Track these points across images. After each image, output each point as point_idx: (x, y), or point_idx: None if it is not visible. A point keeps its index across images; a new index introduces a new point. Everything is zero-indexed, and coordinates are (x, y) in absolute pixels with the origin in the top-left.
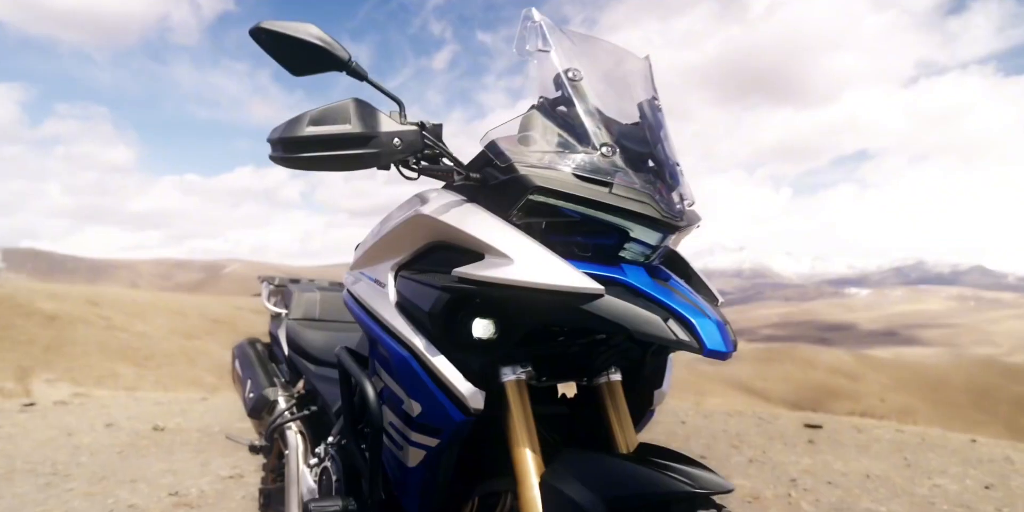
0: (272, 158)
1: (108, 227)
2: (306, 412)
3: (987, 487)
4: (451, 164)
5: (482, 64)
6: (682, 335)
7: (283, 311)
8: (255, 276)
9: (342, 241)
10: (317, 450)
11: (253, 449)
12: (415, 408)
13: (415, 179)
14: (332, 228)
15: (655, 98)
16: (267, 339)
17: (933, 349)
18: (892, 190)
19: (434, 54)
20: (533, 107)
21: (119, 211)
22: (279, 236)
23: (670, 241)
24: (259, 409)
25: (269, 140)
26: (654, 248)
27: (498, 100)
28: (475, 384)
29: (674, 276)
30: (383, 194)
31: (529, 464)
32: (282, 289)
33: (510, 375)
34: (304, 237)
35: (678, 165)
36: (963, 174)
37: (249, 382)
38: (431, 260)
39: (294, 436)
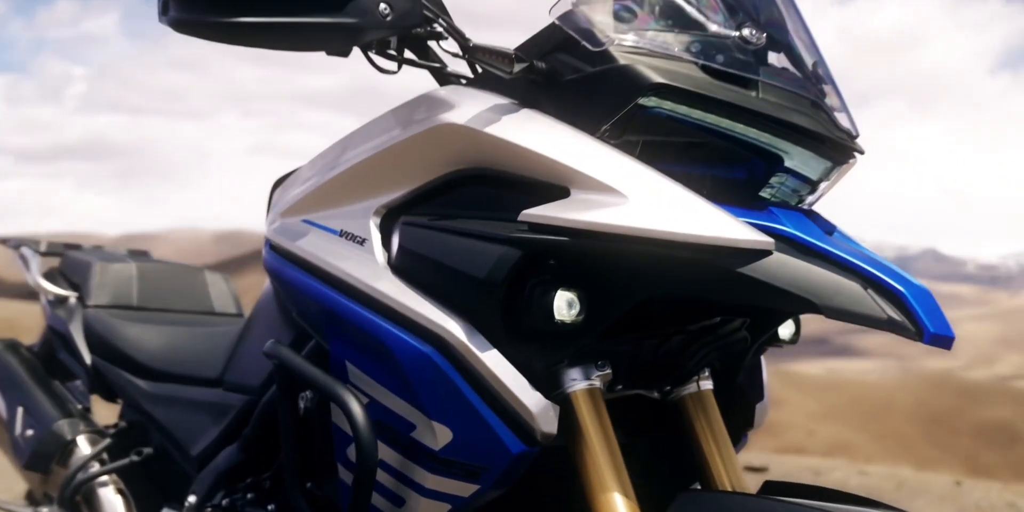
0: (175, 21)
1: None
2: (133, 458)
3: None
4: (465, 45)
5: None
6: (892, 313)
7: (72, 294)
8: None
9: (3, 200)
10: None
11: None
12: (440, 436)
13: (393, 73)
14: None
15: None
16: (31, 339)
17: (874, 362)
18: None
19: None
20: None
21: None
22: None
23: (834, 176)
24: (45, 457)
25: None
26: (813, 184)
27: None
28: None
29: (837, 226)
30: (77, 127)
31: None
32: (60, 258)
33: (580, 381)
34: None
35: (824, 63)
36: (913, 125)
37: (20, 412)
38: (460, 198)
39: (112, 497)
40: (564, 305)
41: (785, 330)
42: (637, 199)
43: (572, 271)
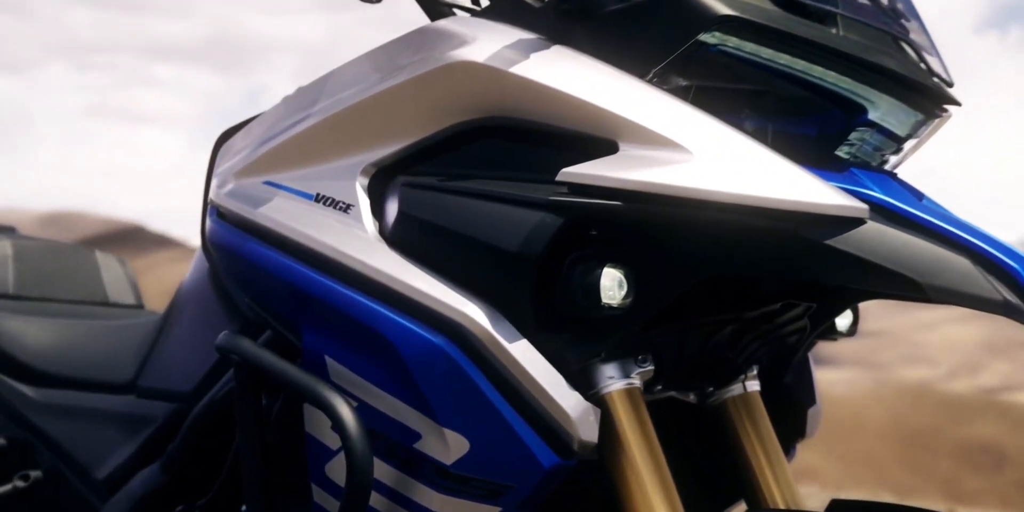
0: None
1: None
2: (17, 483)
3: None
4: None
5: None
6: (1007, 294)
7: None
8: None
9: None
10: None
11: None
12: (454, 447)
13: (377, 1)
14: None
15: None
16: None
17: (843, 372)
18: None
19: None
20: None
21: None
22: None
23: (924, 132)
24: None
25: None
26: (899, 142)
27: None
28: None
29: (925, 192)
30: None
31: None
32: None
33: (618, 379)
34: None
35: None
36: None
37: None
38: (474, 154)
39: None
40: (613, 285)
41: (843, 320)
42: (703, 155)
43: (620, 244)
